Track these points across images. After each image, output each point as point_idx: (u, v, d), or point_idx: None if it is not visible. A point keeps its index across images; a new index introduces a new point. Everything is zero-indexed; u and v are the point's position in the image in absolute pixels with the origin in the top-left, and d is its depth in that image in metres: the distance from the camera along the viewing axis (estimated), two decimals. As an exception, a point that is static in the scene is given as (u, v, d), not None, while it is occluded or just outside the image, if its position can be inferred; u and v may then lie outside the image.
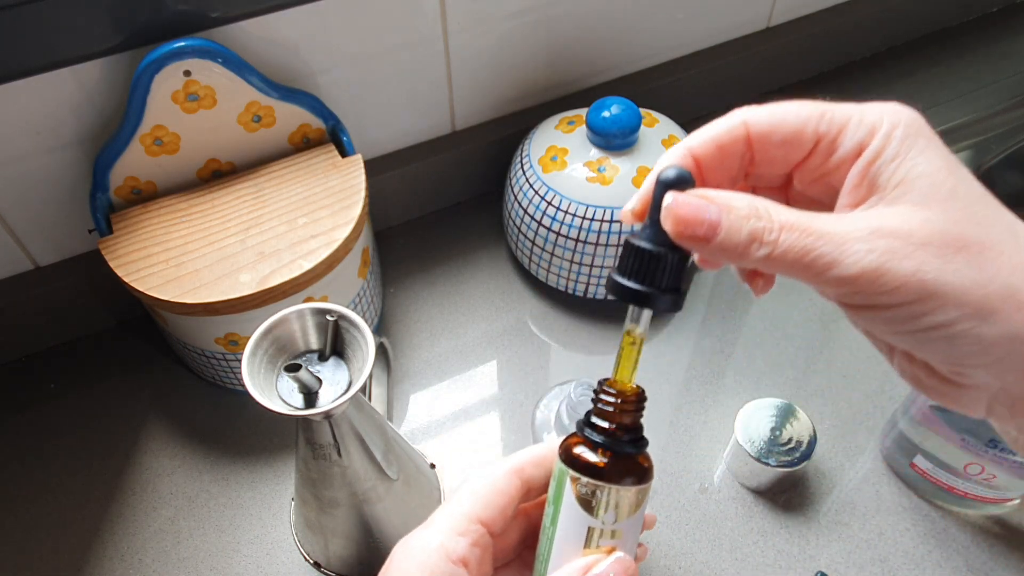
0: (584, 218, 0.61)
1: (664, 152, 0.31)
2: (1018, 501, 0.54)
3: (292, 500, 0.57)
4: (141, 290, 0.52)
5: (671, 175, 0.26)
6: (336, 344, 0.43)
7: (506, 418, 0.62)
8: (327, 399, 0.41)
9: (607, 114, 0.60)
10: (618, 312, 0.67)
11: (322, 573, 0.54)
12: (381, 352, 0.62)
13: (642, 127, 0.62)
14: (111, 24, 0.50)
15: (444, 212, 0.76)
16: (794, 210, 0.25)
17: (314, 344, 0.43)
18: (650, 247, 0.26)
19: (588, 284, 0.65)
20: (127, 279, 0.53)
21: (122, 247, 0.55)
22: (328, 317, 0.41)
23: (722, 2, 0.75)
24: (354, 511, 0.48)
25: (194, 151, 0.57)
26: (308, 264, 0.53)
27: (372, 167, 0.66)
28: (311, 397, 0.41)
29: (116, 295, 0.59)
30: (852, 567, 0.53)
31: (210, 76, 0.53)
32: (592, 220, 0.60)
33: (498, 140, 0.72)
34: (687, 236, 0.25)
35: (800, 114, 0.27)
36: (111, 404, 0.63)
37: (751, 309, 0.68)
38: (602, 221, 0.60)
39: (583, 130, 0.63)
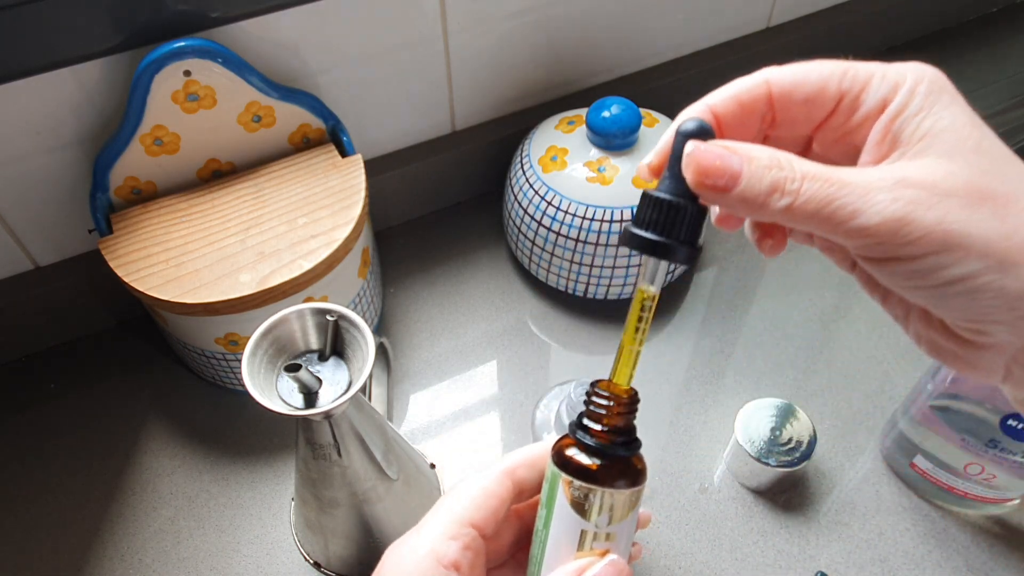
0: (584, 218, 0.61)
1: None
2: (1018, 501, 0.54)
3: (292, 500, 0.57)
4: (141, 290, 0.52)
5: (691, 126, 0.26)
6: (336, 344, 0.42)
7: (506, 418, 0.62)
8: (327, 399, 0.41)
9: (607, 114, 0.60)
10: (618, 312, 0.67)
11: (322, 573, 0.54)
12: (381, 352, 0.62)
13: (642, 127, 0.62)
14: (111, 24, 0.50)
15: (444, 212, 0.76)
16: (816, 163, 0.24)
17: (314, 344, 0.43)
18: (669, 197, 0.26)
19: (588, 284, 0.65)
20: (127, 279, 0.53)
21: (122, 247, 0.55)
22: (328, 317, 0.41)
23: (722, 2, 0.75)
24: (354, 511, 0.48)
25: (194, 151, 0.57)
26: (308, 264, 0.53)
27: (372, 167, 0.66)
28: (311, 397, 0.41)
29: (116, 295, 0.59)
30: (852, 567, 0.53)
31: (210, 76, 0.53)
32: (592, 220, 0.60)
33: (498, 140, 0.72)
34: (707, 186, 0.25)
35: (823, 71, 0.26)
36: (111, 404, 0.63)
37: (751, 309, 0.68)
38: (602, 221, 0.60)
39: (583, 130, 0.63)
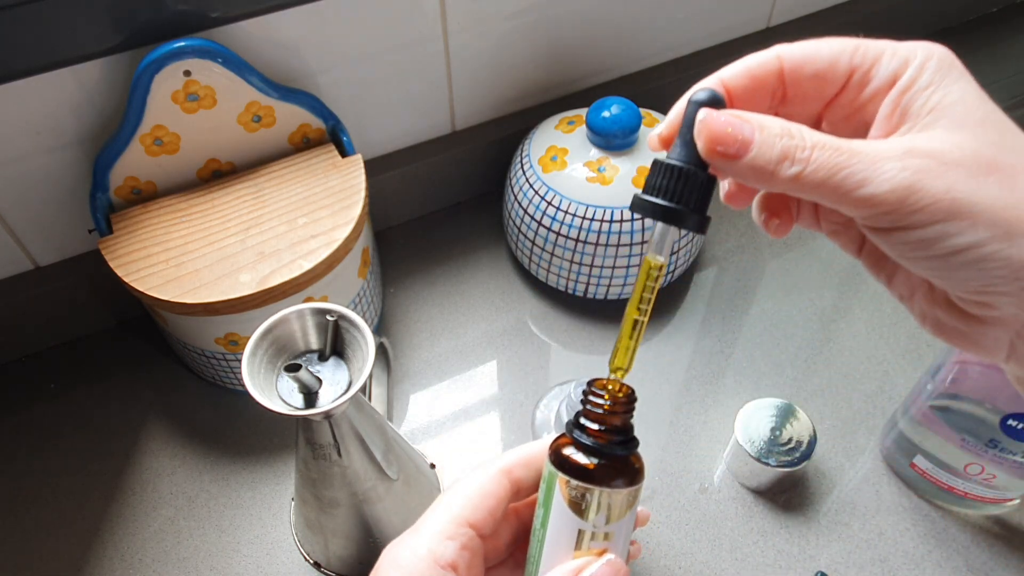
0: (584, 218, 0.61)
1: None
2: (1018, 501, 0.54)
3: (292, 500, 0.57)
4: (141, 290, 0.52)
5: (704, 96, 0.26)
6: (336, 344, 0.42)
7: (506, 418, 0.62)
8: (327, 399, 0.41)
9: (607, 114, 0.60)
10: (619, 311, 0.67)
11: (322, 573, 0.54)
12: (381, 352, 0.62)
13: (642, 127, 0.62)
14: (111, 24, 0.50)
15: (444, 212, 0.76)
16: (825, 134, 0.25)
17: (314, 344, 0.43)
18: (680, 164, 0.26)
19: (588, 284, 0.65)
20: (127, 279, 0.53)
21: (122, 247, 0.55)
22: (328, 317, 0.41)
23: (722, 2, 0.75)
24: (354, 511, 0.48)
25: (194, 151, 0.57)
26: (308, 264, 0.53)
27: (372, 167, 0.66)
28: (311, 397, 0.41)
29: (116, 295, 0.59)
30: (852, 567, 0.53)
31: (210, 76, 0.53)
32: (592, 220, 0.60)
33: (498, 140, 0.72)
34: (719, 153, 0.25)
35: (834, 47, 0.27)
36: (111, 404, 0.63)
37: (751, 309, 0.68)
38: (602, 221, 0.60)
39: (583, 130, 0.63)
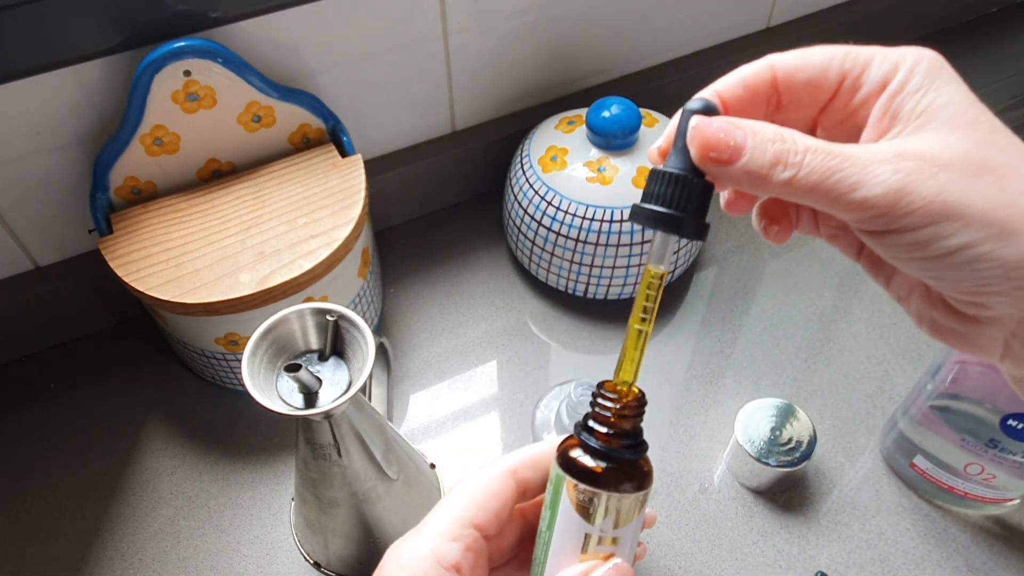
0: (584, 218, 0.61)
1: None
2: (1018, 501, 0.54)
3: (292, 500, 0.57)
4: (141, 290, 0.52)
5: (696, 105, 0.26)
6: (336, 344, 0.42)
7: (506, 418, 0.62)
8: (327, 399, 0.41)
9: (607, 114, 0.60)
10: (618, 312, 0.67)
11: (322, 573, 0.54)
12: (381, 352, 0.62)
13: (642, 127, 0.62)
14: (111, 24, 0.50)
15: (444, 212, 0.76)
16: (818, 139, 0.25)
17: (314, 344, 0.43)
18: (676, 171, 0.26)
19: (588, 284, 0.65)
20: (127, 279, 0.53)
21: (122, 247, 0.55)
22: (328, 317, 0.41)
23: (722, 2, 0.75)
24: (354, 511, 0.48)
25: (194, 151, 0.57)
26: (308, 264, 0.53)
27: (372, 167, 0.66)
28: (311, 397, 0.41)
29: (116, 295, 0.59)
30: (852, 567, 0.53)
31: (210, 76, 0.53)
32: (592, 220, 0.60)
33: (498, 140, 0.72)
34: (711, 159, 0.25)
35: (825, 54, 0.27)
36: (111, 404, 0.63)
37: (751, 309, 0.68)
38: (602, 221, 0.60)
39: (583, 130, 0.63)
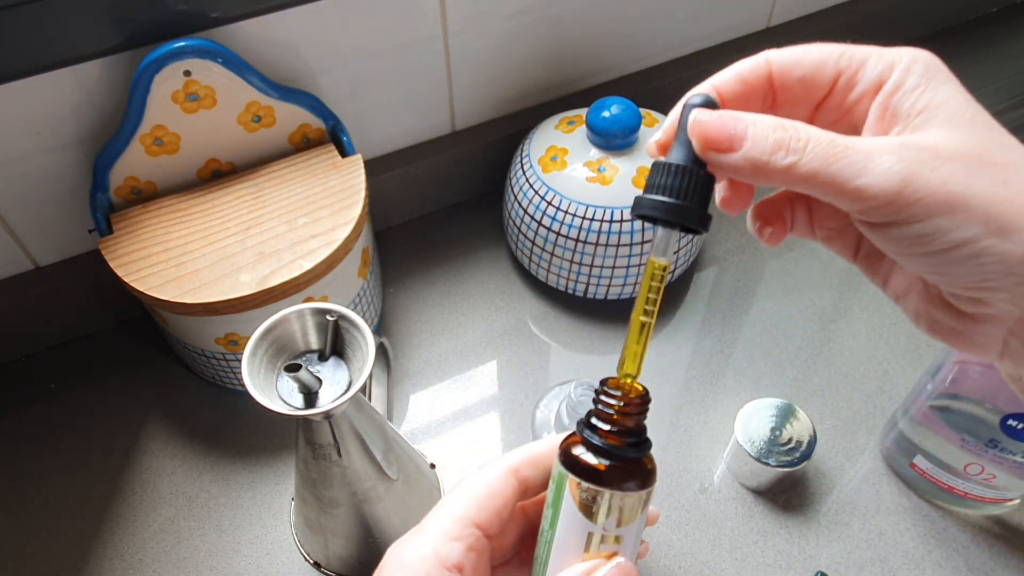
0: (584, 218, 0.61)
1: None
2: (1018, 501, 0.54)
3: (292, 500, 0.57)
4: (141, 290, 0.52)
5: (698, 99, 0.27)
6: (336, 344, 0.42)
7: (506, 418, 0.62)
8: (327, 399, 0.41)
9: (607, 114, 0.60)
10: (618, 312, 0.67)
11: (322, 573, 0.54)
12: (381, 352, 0.62)
13: (642, 127, 0.62)
14: (111, 24, 0.50)
15: (444, 212, 0.76)
16: (821, 129, 0.25)
17: (314, 344, 0.43)
18: (678, 162, 0.27)
19: (588, 284, 0.65)
20: (127, 279, 0.53)
21: (122, 247, 0.55)
22: (328, 317, 0.41)
23: (722, 2, 0.75)
24: (354, 511, 0.48)
25: (194, 151, 0.57)
26: (308, 264, 0.53)
27: (372, 167, 0.66)
28: (311, 397, 0.41)
29: (116, 295, 0.59)
30: (852, 567, 0.53)
31: (210, 76, 0.53)
32: (592, 220, 0.60)
33: (498, 140, 0.72)
34: (713, 148, 0.25)
35: (821, 52, 0.27)
36: (111, 404, 0.63)
37: (751, 309, 0.68)
38: (602, 221, 0.60)
39: (583, 130, 0.63)
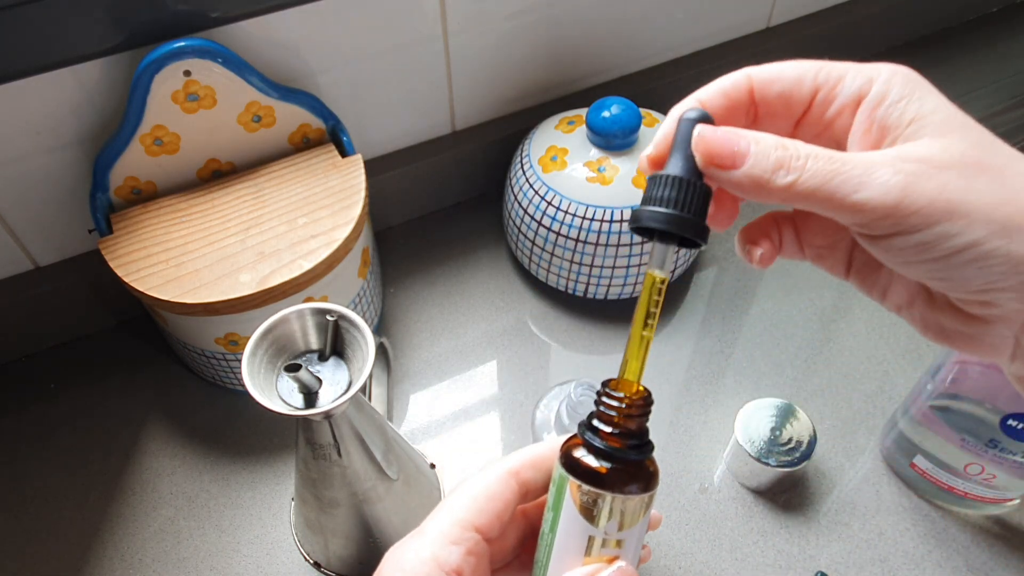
0: (584, 218, 0.61)
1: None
2: (1018, 501, 0.54)
3: (292, 500, 0.57)
4: (141, 290, 0.52)
5: (695, 114, 0.27)
6: (336, 344, 0.42)
7: (506, 418, 0.62)
8: (327, 399, 0.41)
9: (607, 114, 0.60)
10: (618, 312, 0.67)
11: (322, 573, 0.54)
12: (381, 352, 0.62)
13: (642, 127, 0.62)
14: (111, 24, 0.50)
15: (444, 212, 0.76)
16: (818, 147, 0.26)
17: (314, 344, 0.43)
18: (677, 174, 0.27)
19: (588, 284, 0.65)
20: (127, 279, 0.53)
21: (122, 247, 0.55)
22: (328, 317, 0.41)
23: (722, 2, 0.75)
24: (354, 511, 0.48)
25: (194, 151, 0.57)
26: (308, 264, 0.53)
27: (372, 167, 0.66)
28: (311, 397, 0.41)
29: (116, 295, 0.59)
30: (852, 567, 0.53)
31: (210, 76, 0.53)
32: (592, 220, 0.60)
33: (498, 140, 0.72)
34: (717, 164, 0.26)
35: (799, 68, 0.28)
36: (111, 404, 0.63)
37: (751, 309, 0.68)
38: (602, 221, 0.60)
39: (583, 130, 0.63)
